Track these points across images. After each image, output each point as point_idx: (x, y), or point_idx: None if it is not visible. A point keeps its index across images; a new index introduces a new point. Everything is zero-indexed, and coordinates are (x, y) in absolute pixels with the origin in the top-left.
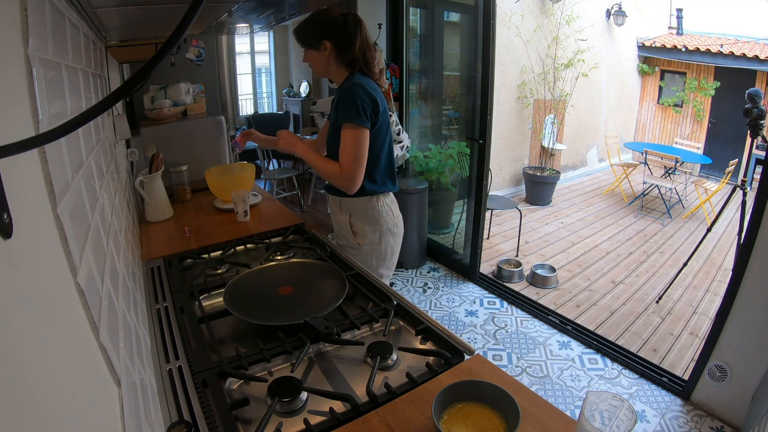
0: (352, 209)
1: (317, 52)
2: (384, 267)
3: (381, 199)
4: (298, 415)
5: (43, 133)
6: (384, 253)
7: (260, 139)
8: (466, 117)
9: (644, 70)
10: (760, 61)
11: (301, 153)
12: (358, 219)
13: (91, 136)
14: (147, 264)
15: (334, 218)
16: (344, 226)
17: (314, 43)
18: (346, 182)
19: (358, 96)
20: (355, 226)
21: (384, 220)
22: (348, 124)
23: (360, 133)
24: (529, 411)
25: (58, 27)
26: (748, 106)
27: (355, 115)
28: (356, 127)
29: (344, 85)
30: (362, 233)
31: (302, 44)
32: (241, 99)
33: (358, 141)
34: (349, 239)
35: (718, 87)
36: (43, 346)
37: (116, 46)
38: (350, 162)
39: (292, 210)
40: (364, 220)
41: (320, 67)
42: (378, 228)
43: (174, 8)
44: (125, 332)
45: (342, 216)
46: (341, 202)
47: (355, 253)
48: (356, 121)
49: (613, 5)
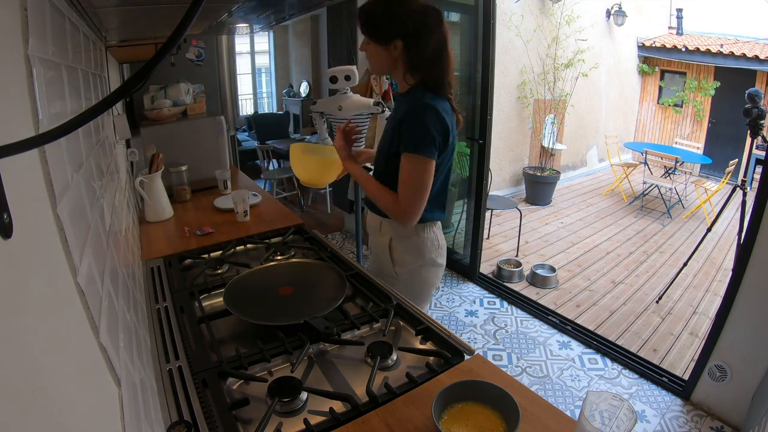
0: (394, 233)
1: (384, 49)
2: (422, 300)
3: (428, 228)
4: (298, 415)
5: (43, 133)
6: (423, 286)
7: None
8: (466, 117)
9: (644, 70)
10: (760, 61)
11: (360, 177)
12: (400, 245)
13: (91, 136)
14: (147, 264)
15: (372, 239)
16: (383, 249)
17: (385, 39)
18: (402, 217)
19: (431, 123)
20: (395, 252)
21: (428, 250)
22: (413, 155)
23: (427, 165)
24: (529, 411)
25: (58, 27)
26: (748, 106)
27: (423, 146)
28: (423, 159)
29: (411, 104)
30: (402, 261)
31: (370, 35)
32: (241, 99)
33: (423, 174)
34: (387, 266)
35: (718, 87)
36: (43, 346)
37: (116, 46)
38: (410, 196)
39: (292, 210)
40: (405, 247)
41: (382, 66)
42: (420, 258)
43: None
44: (125, 332)
45: (381, 238)
46: (382, 222)
47: (390, 281)
48: (424, 153)
49: (613, 5)
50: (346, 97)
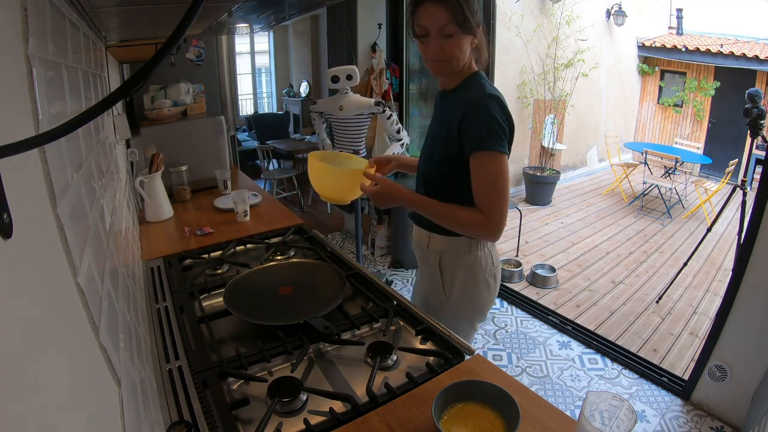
0: (444, 249)
1: (468, 40)
2: (472, 327)
3: (482, 242)
4: (298, 415)
5: (43, 133)
6: (476, 310)
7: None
8: None
9: (644, 70)
10: (760, 61)
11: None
12: (450, 262)
13: (91, 136)
14: (147, 264)
15: (420, 257)
16: (432, 269)
17: (472, 26)
18: (491, 230)
19: (498, 113)
20: (445, 271)
21: (482, 268)
22: (488, 152)
23: (503, 162)
24: (529, 411)
25: (58, 27)
26: (748, 106)
27: (495, 140)
28: (497, 155)
29: (470, 98)
30: (452, 282)
31: (461, 26)
32: (241, 99)
33: (502, 173)
34: (435, 288)
35: (718, 87)
36: (43, 346)
37: (116, 46)
38: (494, 202)
39: (292, 210)
40: (456, 265)
41: (458, 61)
42: (473, 278)
43: (174, 8)
44: (125, 332)
45: (430, 257)
46: (431, 238)
47: (438, 306)
48: (498, 147)
49: (613, 5)
50: (347, 97)
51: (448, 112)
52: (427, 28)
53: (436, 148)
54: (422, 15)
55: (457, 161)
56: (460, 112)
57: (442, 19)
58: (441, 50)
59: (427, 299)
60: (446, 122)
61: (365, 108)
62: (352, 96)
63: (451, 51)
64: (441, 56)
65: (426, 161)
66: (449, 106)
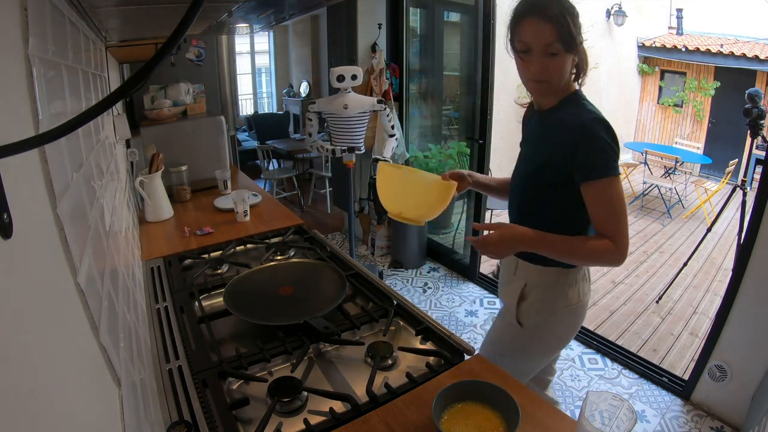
0: (532, 277)
1: (570, 58)
2: (541, 359)
3: (574, 272)
4: (298, 415)
5: (43, 133)
6: (547, 345)
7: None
8: (466, 117)
9: (644, 70)
10: (760, 61)
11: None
12: (534, 290)
13: (91, 136)
14: (147, 264)
15: (504, 279)
16: (512, 296)
17: (576, 45)
18: (621, 256)
19: (607, 137)
20: (527, 298)
21: (567, 299)
22: (606, 179)
23: (619, 185)
24: (529, 411)
25: (58, 27)
26: (748, 106)
27: (611, 164)
28: (614, 179)
29: (574, 121)
30: (529, 310)
31: (566, 44)
32: (241, 99)
33: (620, 196)
34: (510, 311)
35: (718, 87)
36: (43, 346)
37: (116, 46)
38: (620, 227)
39: (292, 210)
40: (540, 294)
41: (559, 81)
42: (554, 307)
43: (174, 8)
44: (125, 332)
45: (515, 282)
46: (518, 264)
47: (507, 330)
48: (614, 172)
49: (613, 5)
50: (350, 96)
51: (550, 136)
52: (529, 45)
53: (534, 173)
54: (526, 30)
55: (564, 188)
56: (568, 138)
57: (548, 36)
58: (544, 70)
59: (500, 323)
60: (547, 146)
61: (368, 106)
62: (354, 95)
63: (553, 71)
64: (543, 76)
65: (521, 186)
66: (549, 129)
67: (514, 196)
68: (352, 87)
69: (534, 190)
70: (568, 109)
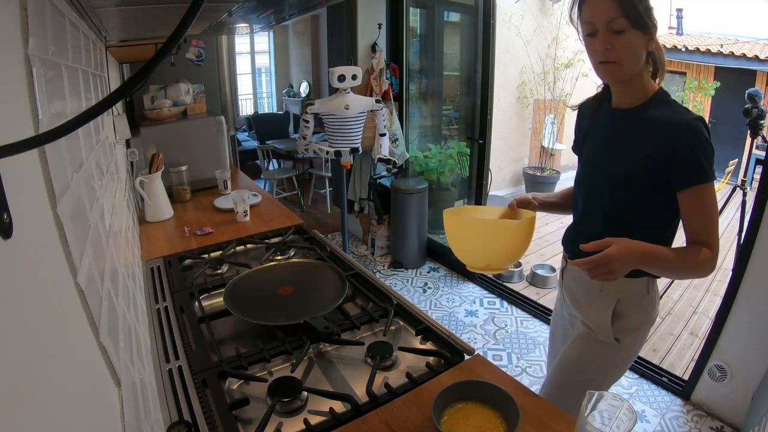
0: (624, 293)
1: (640, 37)
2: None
3: (655, 281)
4: (298, 415)
5: (43, 133)
6: (636, 351)
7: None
8: (466, 117)
9: None
10: (760, 61)
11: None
12: (629, 307)
13: (91, 136)
14: (147, 264)
15: (582, 298)
16: (603, 316)
17: (645, 22)
18: (715, 264)
19: (708, 137)
20: (623, 314)
21: (655, 310)
22: (707, 185)
23: (714, 189)
24: (529, 411)
25: (58, 27)
26: (748, 106)
27: (711, 169)
28: (713, 184)
29: (669, 117)
30: (628, 326)
31: (631, 18)
32: (241, 99)
33: (716, 202)
34: (605, 329)
35: (718, 87)
36: (43, 346)
37: (116, 46)
38: (716, 234)
39: (292, 210)
40: (635, 309)
41: (638, 63)
42: (650, 318)
43: (174, 8)
44: (125, 332)
45: (603, 300)
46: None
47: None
48: (713, 177)
49: None
50: (351, 97)
51: (637, 137)
52: (594, 25)
53: (624, 179)
54: (588, 9)
55: (657, 194)
56: (668, 140)
57: (610, 11)
58: (610, 49)
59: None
60: (637, 149)
61: (368, 106)
62: (354, 95)
63: (621, 50)
64: (609, 56)
65: (605, 195)
66: (635, 129)
67: (596, 207)
68: (351, 87)
69: (623, 199)
70: (662, 109)
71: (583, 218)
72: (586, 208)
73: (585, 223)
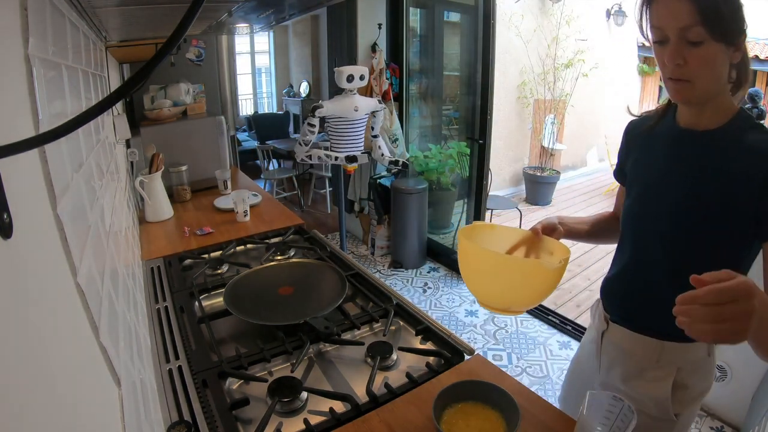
0: (686, 360)
1: (722, 51)
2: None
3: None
4: (298, 415)
5: (43, 133)
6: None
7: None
8: (466, 117)
9: (644, 70)
10: (760, 61)
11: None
12: (691, 374)
13: (91, 136)
14: (147, 264)
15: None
16: (661, 388)
17: (730, 31)
18: None
19: None
20: (686, 387)
21: (714, 370)
22: None
23: None
24: (529, 411)
25: (58, 27)
26: (748, 106)
27: None
28: None
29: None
30: (689, 396)
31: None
32: (241, 99)
33: None
34: (663, 405)
35: None
36: (43, 346)
37: (116, 46)
38: None
39: (292, 210)
40: (697, 376)
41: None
42: (708, 385)
43: (174, 8)
44: (125, 332)
45: (661, 371)
46: (664, 348)
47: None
48: None
49: (613, 5)
50: (358, 98)
51: (716, 167)
52: (663, 31)
53: (699, 216)
54: (657, 12)
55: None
56: (757, 170)
57: (684, 17)
58: (682, 64)
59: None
60: (713, 182)
61: (372, 107)
62: (360, 96)
63: (696, 67)
64: (681, 72)
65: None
66: (713, 157)
67: (653, 252)
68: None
69: (695, 240)
70: (750, 132)
71: (631, 266)
72: (638, 254)
73: (635, 273)
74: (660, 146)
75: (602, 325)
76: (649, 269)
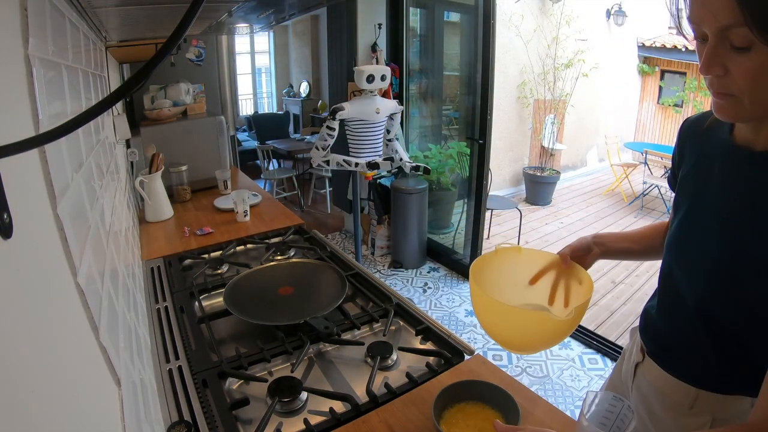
0: (722, 409)
1: None
2: None
3: None
4: (298, 415)
5: (43, 133)
6: None
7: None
8: (466, 117)
9: (644, 70)
10: None
11: None
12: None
13: (91, 136)
14: (147, 264)
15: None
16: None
17: None
18: None
19: None
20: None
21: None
22: None
23: None
24: (529, 411)
25: (58, 27)
26: None
27: None
28: None
29: None
30: None
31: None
32: (241, 99)
33: None
34: None
35: None
36: (43, 346)
37: (116, 46)
38: None
39: (292, 210)
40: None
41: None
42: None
43: (174, 8)
44: (125, 332)
45: (694, 419)
46: (698, 396)
47: None
48: None
49: (613, 5)
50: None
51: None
52: (701, 27)
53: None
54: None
55: None
56: None
57: (724, 14)
58: (722, 76)
59: None
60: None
61: (392, 109)
62: (380, 98)
63: (741, 79)
64: (723, 85)
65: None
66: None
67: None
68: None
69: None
70: None
71: (669, 298)
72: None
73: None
74: (713, 160)
75: (638, 356)
76: (685, 307)
